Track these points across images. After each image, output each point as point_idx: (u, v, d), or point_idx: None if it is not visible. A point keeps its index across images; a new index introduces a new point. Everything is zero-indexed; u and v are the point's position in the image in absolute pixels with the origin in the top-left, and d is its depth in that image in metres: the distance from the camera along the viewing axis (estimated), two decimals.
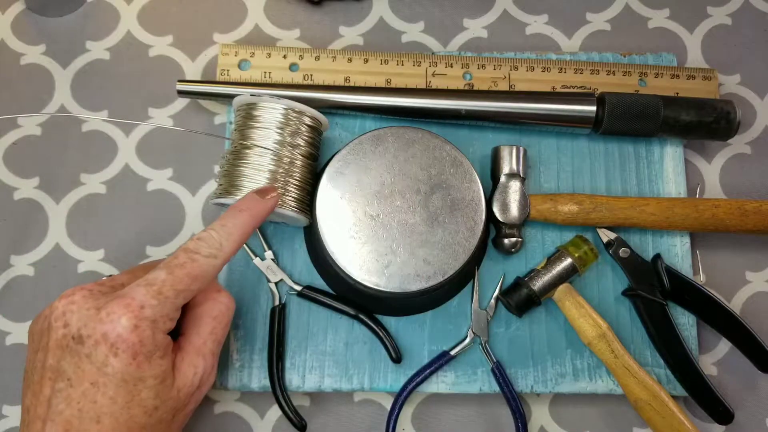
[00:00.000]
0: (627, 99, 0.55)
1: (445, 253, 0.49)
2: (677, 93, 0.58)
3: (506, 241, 0.54)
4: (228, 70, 0.58)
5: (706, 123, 0.55)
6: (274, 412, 0.54)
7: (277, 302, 0.53)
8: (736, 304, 0.56)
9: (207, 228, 0.44)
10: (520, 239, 0.54)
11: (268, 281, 0.54)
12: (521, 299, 0.52)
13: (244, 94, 0.52)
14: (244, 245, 0.54)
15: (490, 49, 0.61)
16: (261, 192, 0.47)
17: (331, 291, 0.54)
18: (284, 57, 0.59)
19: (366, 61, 0.59)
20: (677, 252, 0.56)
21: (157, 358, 0.40)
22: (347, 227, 0.49)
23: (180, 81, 0.56)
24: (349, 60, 0.59)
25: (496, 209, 0.53)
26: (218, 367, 0.52)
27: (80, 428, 0.39)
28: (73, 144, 0.59)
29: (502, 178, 0.54)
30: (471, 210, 0.50)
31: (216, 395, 0.54)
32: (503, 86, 0.58)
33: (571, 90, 0.58)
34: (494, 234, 0.55)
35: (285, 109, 0.50)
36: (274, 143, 0.50)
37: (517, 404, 0.51)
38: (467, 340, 0.53)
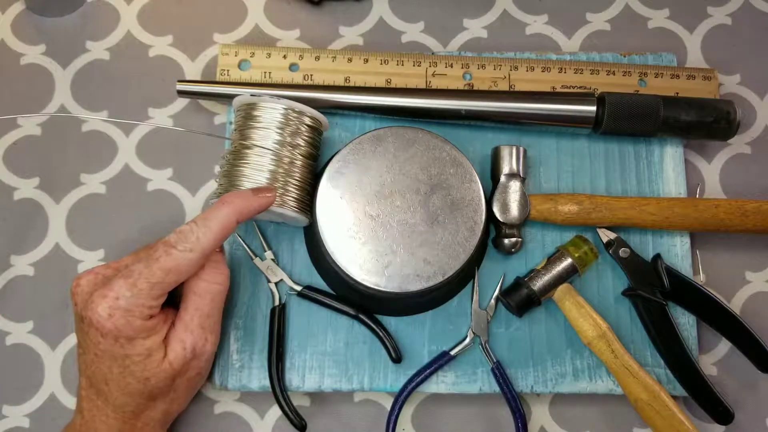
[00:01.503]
0: (627, 99, 0.55)
1: (445, 253, 0.49)
2: (677, 93, 0.58)
3: (506, 241, 0.53)
4: (228, 70, 0.58)
5: (706, 123, 0.55)
6: (274, 412, 0.54)
7: (277, 302, 0.53)
8: (736, 304, 0.56)
9: (190, 220, 0.46)
10: (520, 239, 0.54)
11: (268, 281, 0.54)
12: (521, 299, 0.52)
13: (244, 94, 0.52)
14: (244, 245, 0.54)
15: (490, 49, 0.61)
16: (257, 190, 0.48)
17: (331, 291, 0.54)
18: (284, 57, 0.59)
19: (366, 61, 0.59)
20: (677, 252, 0.56)
21: (140, 339, 0.44)
22: (347, 227, 0.49)
23: (180, 81, 0.56)
24: (349, 60, 0.59)
25: (496, 209, 0.53)
26: (218, 368, 0.53)
27: (97, 386, 0.46)
28: (73, 144, 0.59)
29: (502, 178, 0.54)
30: (471, 210, 0.50)
31: (216, 395, 0.54)
32: (503, 86, 0.58)
33: (571, 90, 0.58)
34: (494, 234, 0.55)
35: (285, 109, 0.50)
36: (274, 143, 0.50)
37: (517, 404, 0.51)
38: (467, 340, 0.53)
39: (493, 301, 0.54)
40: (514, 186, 0.54)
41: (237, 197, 0.47)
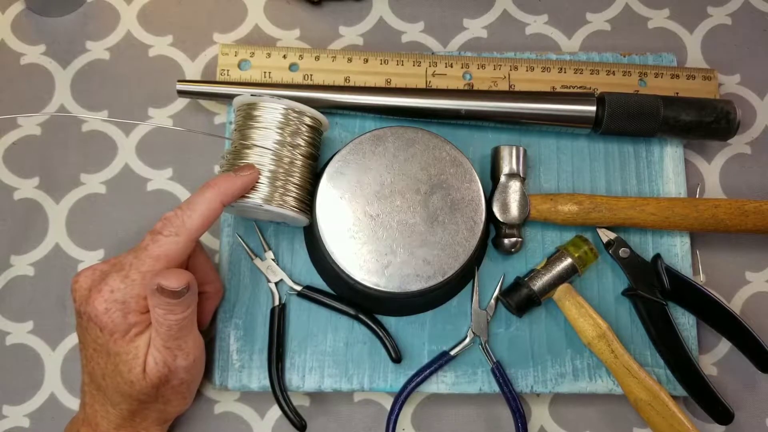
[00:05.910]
0: (627, 99, 0.55)
1: (445, 253, 0.49)
2: (677, 93, 0.58)
3: (506, 241, 0.54)
4: (228, 70, 0.58)
5: (706, 123, 0.55)
6: (274, 412, 0.54)
7: (277, 302, 0.53)
8: (736, 304, 0.56)
9: (176, 206, 0.46)
10: (520, 239, 0.54)
11: (268, 281, 0.54)
12: (521, 299, 0.52)
13: (244, 94, 0.52)
14: (244, 245, 0.54)
15: (490, 49, 0.61)
16: (238, 170, 0.48)
17: (331, 291, 0.54)
18: (284, 57, 0.59)
19: (366, 61, 0.59)
20: (677, 252, 0.56)
21: (133, 335, 0.45)
22: (347, 227, 0.49)
23: (180, 81, 0.56)
24: (349, 60, 0.59)
25: (496, 209, 0.53)
26: (218, 368, 0.53)
27: (97, 381, 0.46)
28: (73, 144, 0.59)
29: (502, 178, 0.54)
30: (471, 210, 0.50)
31: (216, 395, 0.54)
32: (503, 86, 0.58)
33: (571, 90, 0.58)
34: (494, 234, 0.55)
35: (285, 109, 0.50)
36: (274, 143, 0.50)
37: (517, 404, 0.51)
38: (467, 340, 0.53)
39: (493, 301, 0.54)
40: (514, 186, 0.54)
41: (220, 179, 0.47)
